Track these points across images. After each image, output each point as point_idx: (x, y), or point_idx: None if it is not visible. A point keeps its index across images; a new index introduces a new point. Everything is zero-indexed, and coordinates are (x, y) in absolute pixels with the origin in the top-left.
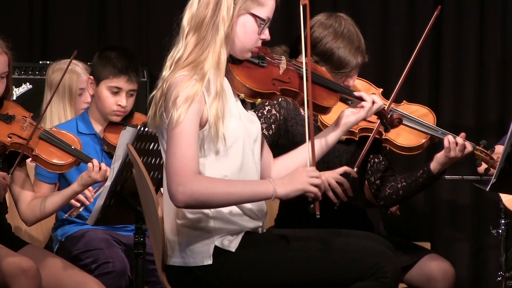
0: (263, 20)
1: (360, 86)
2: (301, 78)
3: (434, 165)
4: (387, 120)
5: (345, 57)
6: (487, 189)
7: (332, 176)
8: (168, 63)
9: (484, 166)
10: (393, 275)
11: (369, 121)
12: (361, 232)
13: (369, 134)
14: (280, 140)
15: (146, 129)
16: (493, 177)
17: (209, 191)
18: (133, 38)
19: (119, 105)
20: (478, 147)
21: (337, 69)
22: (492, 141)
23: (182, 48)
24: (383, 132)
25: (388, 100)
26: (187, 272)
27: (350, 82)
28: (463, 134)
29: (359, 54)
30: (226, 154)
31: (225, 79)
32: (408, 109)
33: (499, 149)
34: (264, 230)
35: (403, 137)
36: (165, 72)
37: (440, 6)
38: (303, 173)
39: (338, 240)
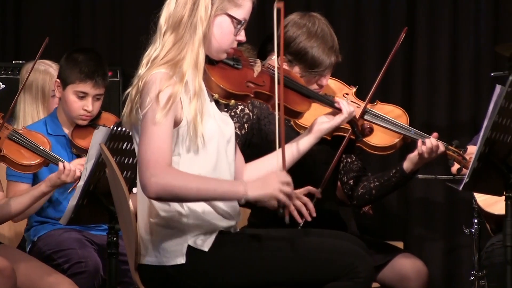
0: (239, 21)
1: (333, 85)
2: (274, 82)
3: (407, 165)
4: (358, 128)
5: (318, 56)
6: (460, 188)
7: (295, 196)
8: (144, 61)
9: (457, 166)
10: (366, 275)
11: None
12: (334, 232)
13: (342, 134)
14: (253, 139)
15: (119, 128)
16: (466, 176)
17: (181, 185)
18: (106, 38)
19: (85, 109)
20: (450, 147)
21: (310, 68)
22: (465, 141)
23: (159, 47)
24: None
25: (362, 100)
26: (160, 271)
27: (323, 81)
28: (435, 134)
29: (333, 54)
30: (200, 153)
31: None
32: (382, 109)
33: (471, 149)
34: (238, 230)
35: (376, 137)
36: (141, 70)
37: (406, 28)
38: (275, 179)
39: (312, 240)
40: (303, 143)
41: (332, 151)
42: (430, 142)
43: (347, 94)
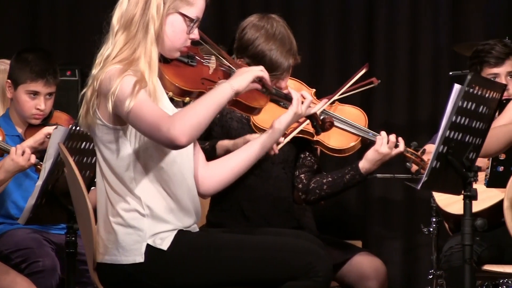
0: (192, 19)
1: (292, 86)
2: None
3: (363, 163)
4: (318, 122)
5: (276, 59)
6: (418, 187)
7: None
8: (97, 61)
9: (415, 167)
10: (325, 274)
11: (299, 122)
12: (293, 231)
13: (303, 136)
14: (213, 132)
15: (78, 128)
16: (424, 175)
17: (192, 116)
18: (65, 37)
19: (38, 108)
20: (409, 149)
21: (269, 71)
22: (424, 140)
23: (111, 46)
24: (314, 134)
25: (320, 100)
26: (119, 270)
27: (282, 84)
28: (393, 135)
29: (291, 56)
30: (160, 148)
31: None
32: (340, 110)
33: (430, 147)
34: (197, 229)
35: (334, 139)
36: (95, 70)
37: (367, 63)
38: (246, 68)
39: (271, 239)
40: (267, 140)
41: (291, 150)
42: (389, 138)
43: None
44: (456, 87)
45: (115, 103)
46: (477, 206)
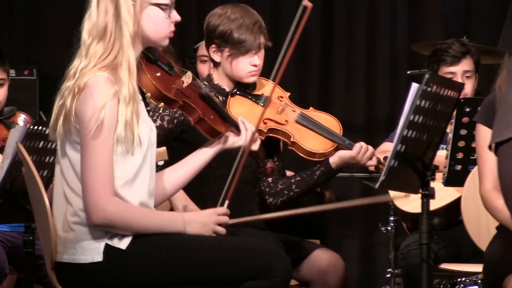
0: (166, 4)
1: (269, 88)
2: (201, 97)
3: (333, 159)
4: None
5: (241, 33)
6: (376, 186)
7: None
8: (71, 73)
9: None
10: (284, 274)
11: (278, 122)
12: (252, 230)
13: (277, 136)
14: (184, 135)
15: (36, 127)
16: (382, 174)
17: (127, 223)
18: (23, 37)
19: None
20: (382, 160)
21: (237, 47)
22: (382, 138)
23: (86, 58)
24: (291, 136)
25: (297, 105)
26: (77, 269)
27: (255, 61)
28: (372, 148)
29: (258, 32)
30: (128, 156)
31: None
32: (316, 117)
33: (387, 146)
34: None
35: (311, 142)
36: (69, 82)
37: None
38: (212, 219)
39: (230, 239)
40: (208, 152)
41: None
42: (367, 147)
43: (282, 97)
44: (414, 86)
45: (86, 117)
46: (434, 204)
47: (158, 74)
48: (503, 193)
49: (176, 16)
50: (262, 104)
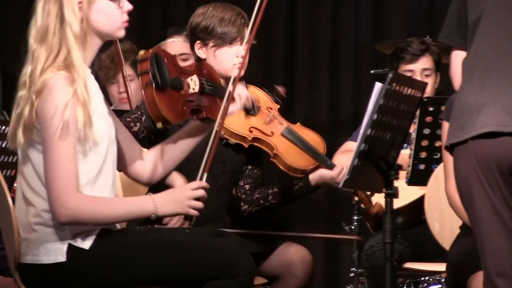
0: None
1: (260, 96)
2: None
3: (313, 176)
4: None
5: (223, 26)
6: (340, 186)
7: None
8: (21, 81)
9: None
10: (247, 273)
11: (263, 133)
12: (216, 230)
13: (260, 146)
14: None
15: None
16: (346, 173)
17: (92, 215)
18: None
19: None
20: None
21: (221, 38)
22: (346, 138)
23: (33, 64)
24: (275, 148)
25: (284, 118)
26: (41, 270)
27: (241, 52)
28: None
29: (241, 25)
30: (89, 155)
31: (88, 70)
32: (302, 132)
33: (350, 145)
34: (119, 228)
35: (293, 157)
36: (22, 92)
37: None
38: (186, 194)
39: (193, 238)
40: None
41: (240, 161)
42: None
43: (271, 108)
44: (378, 85)
45: (47, 117)
46: (397, 203)
47: (170, 102)
48: (459, 192)
49: (127, 5)
50: (252, 113)
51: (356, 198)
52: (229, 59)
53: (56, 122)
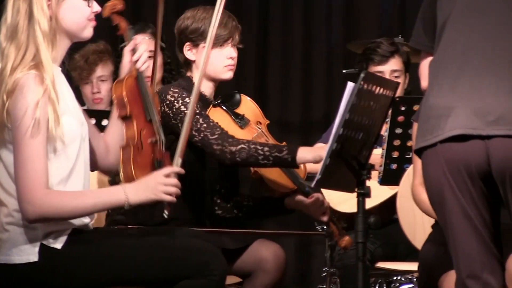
0: None
1: (252, 109)
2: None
3: (289, 202)
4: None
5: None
6: (312, 185)
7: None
8: None
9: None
10: (220, 273)
11: None
12: (188, 230)
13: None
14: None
15: None
16: (318, 173)
17: (59, 209)
18: None
19: None
20: (335, 219)
21: (216, 40)
22: (318, 138)
23: (3, 62)
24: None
25: (272, 136)
26: (13, 270)
27: (232, 53)
28: (328, 203)
29: (232, 27)
30: (60, 155)
31: (58, 69)
32: None
33: (320, 146)
34: (91, 228)
35: (274, 178)
36: None
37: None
38: (158, 180)
39: (164, 238)
40: None
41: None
42: (323, 201)
43: (260, 123)
44: (350, 85)
45: (18, 116)
46: (369, 202)
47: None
48: (429, 195)
49: (96, 7)
50: (241, 125)
51: (329, 229)
52: (221, 60)
53: (27, 121)
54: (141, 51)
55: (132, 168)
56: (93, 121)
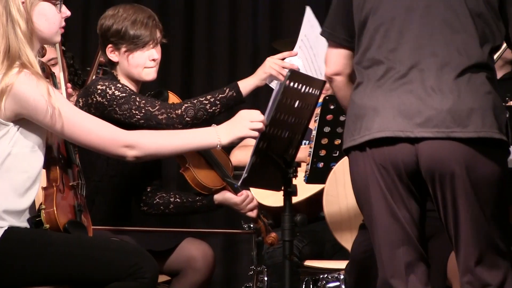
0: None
1: None
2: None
3: (218, 198)
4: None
5: (135, 29)
6: (239, 184)
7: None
8: None
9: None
10: (151, 275)
11: None
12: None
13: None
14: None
15: None
16: (244, 171)
17: (157, 148)
18: None
19: None
20: (262, 217)
21: (133, 42)
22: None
23: None
24: (187, 162)
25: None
26: None
27: (154, 55)
28: (256, 200)
29: (153, 27)
30: (35, 151)
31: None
32: (215, 151)
33: (249, 141)
34: (28, 226)
35: (204, 174)
36: None
37: None
38: (243, 119)
39: (96, 239)
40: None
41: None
42: (252, 199)
43: None
44: (276, 83)
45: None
46: (295, 198)
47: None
48: (356, 195)
49: (66, 11)
50: None
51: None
52: (142, 62)
53: (56, 101)
54: None
55: (54, 210)
56: None
